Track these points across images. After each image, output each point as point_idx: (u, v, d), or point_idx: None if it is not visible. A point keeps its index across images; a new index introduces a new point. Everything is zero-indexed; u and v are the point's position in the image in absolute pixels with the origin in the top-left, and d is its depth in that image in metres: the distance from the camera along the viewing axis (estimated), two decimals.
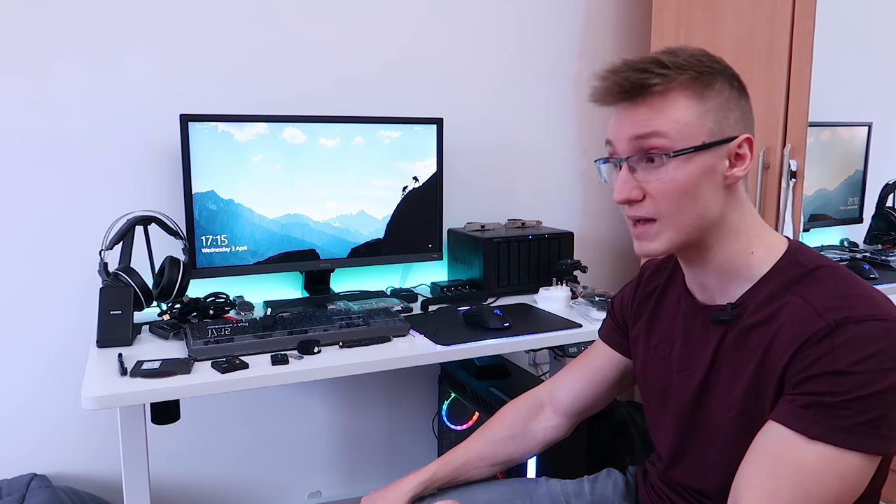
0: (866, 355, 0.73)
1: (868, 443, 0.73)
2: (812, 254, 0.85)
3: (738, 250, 0.86)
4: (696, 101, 0.81)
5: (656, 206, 0.83)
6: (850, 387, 0.73)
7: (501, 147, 2.15)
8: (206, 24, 1.76)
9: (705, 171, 0.82)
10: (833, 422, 0.73)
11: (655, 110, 0.81)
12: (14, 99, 1.62)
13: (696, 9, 1.91)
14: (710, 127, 0.82)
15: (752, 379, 0.82)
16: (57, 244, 1.69)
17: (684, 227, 0.83)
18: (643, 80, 0.80)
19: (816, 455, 0.74)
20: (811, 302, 0.78)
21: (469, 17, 2.06)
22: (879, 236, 1.89)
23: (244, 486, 1.98)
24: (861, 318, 0.75)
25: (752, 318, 0.84)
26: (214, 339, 1.38)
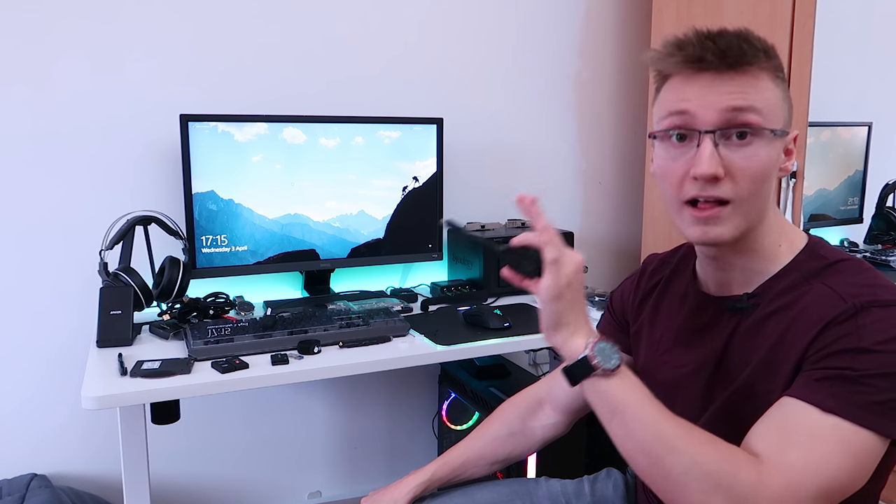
0: (891, 336, 0.72)
1: (884, 423, 0.71)
2: (833, 248, 0.85)
3: (770, 243, 0.85)
4: (780, 86, 0.80)
5: (736, 188, 0.78)
6: (872, 364, 0.71)
7: (501, 147, 2.15)
8: (206, 23, 1.76)
9: (776, 158, 0.80)
10: (851, 396, 0.71)
11: (753, 85, 0.77)
12: (14, 99, 1.62)
13: (696, 9, 1.91)
14: (785, 115, 0.81)
15: (764, 359, 0.81)
16: (57, 244, 1.69)
17: (752, 213, 0.80)
18: (752, 50, 0.77)
19: (831, 427, 0.71)
20: (835, 288, 0.77)
21: (469, 17, 2.06)
22: (879, 236, 1.88)
23: (244, 486, 1.98)
24: (887, 303, 0.74)
25: (769, 308, 0.82)
26: (214, 339, 1.38)
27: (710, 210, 0.79)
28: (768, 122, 0.78)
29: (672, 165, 0.81)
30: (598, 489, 1.12)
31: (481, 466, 1.11)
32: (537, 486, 1.12)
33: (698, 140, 0.78)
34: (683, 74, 0.80)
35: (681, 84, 0.80)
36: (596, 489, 1.12)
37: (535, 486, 1.13)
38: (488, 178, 2.15)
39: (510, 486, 1.12)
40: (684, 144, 0.80)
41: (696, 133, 0.78)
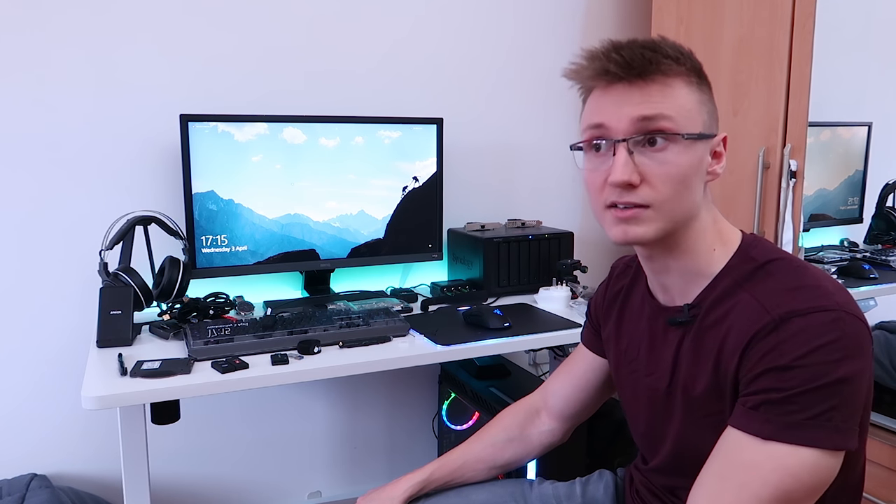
0: (812, 348, 0.71)
1: (822, 437, 0.71)
2: (766, 246, 0.84)
3: (704, 248, 0.85)
4: (695, 91, 0.81)
5: (654, 193, 0.79)
6: (798, 381, 0.71)
7: (501, 147, 2.15)
8: (206, 23, 1.76)
9: (698, 162, 0.81)
10: (782, 418, 0.72)
11: (662, 92, 0.79)
12: (14, 99, 1.62)
13: (696, 8, 1.91)
14: (704, 118, 0.81)
15: (710, 381, 0.81)
16: (57, 244, 1.69)
17: (674, 217, 0.81)
18: (656, 59, 0.78)
19: (766, 454, 0.72)
20: (759, 298, 0.77)
21: (469, 17, 2.06)
22: (879, 236, 1.88)
23: (244, 486, 1.98)
24: (806, 311, 0.73)
25: (707, 319, 0.83)
26: (214, 339, 1.38)
27: (630, 211, 0.80)
28: (682, 127, 0.78)
29: (593, 174, 0.83)
30: (589, 491, 1.12)
31: (480, 470, 1.12)
32: (531, 488, 1.13)
33: (614, 149, 0.80)
34: (600, 87, 0.82)
35: (598, 96, 0.82)
36: (587, 491, 1.12)
37: (529, 487, 1.13)
38: (488, 178, 2.15)
39: (504, 488, 1.12)
40: (602, 154, 0.82)
41: (612, 142, 0.80)
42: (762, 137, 1.73)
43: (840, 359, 0.71)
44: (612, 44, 0.80)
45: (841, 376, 0.71)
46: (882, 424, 1.72)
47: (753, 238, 0.86)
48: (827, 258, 1.89)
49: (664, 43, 0.80)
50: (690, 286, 0.86)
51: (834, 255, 1.90)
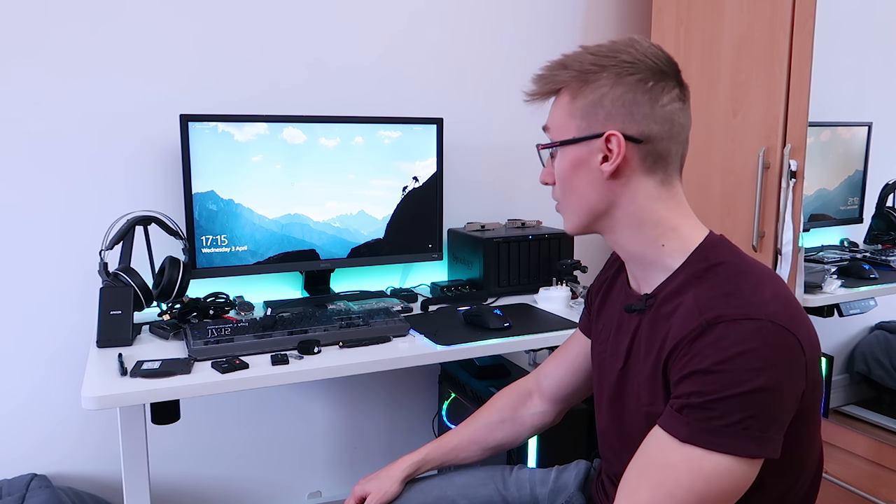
0: (732, 354, 0.72)
1: (737, 444, 0.72)
2: (724, 249, 0.85)
3: (646, 241, 0.87)
4: (571, 100, 0.87)
5: (556, 192, 0.92)
6: (717, 386, 0.72)
7: (501, 147, 2.15)
8: (206, 23, 1.76)
9: (576, 164, 0.87)
10: (700, 423, 0.73)
11: (552, 110, 0.91)
12: (14, 99, 1.62)
13: (696, 8, 1.91)
14: (577, 123, 0.86)
15: (650, 374, 0.84)
16: (57, 244, 1.69)
17: (575, 212, 0.90)
18: (546, 77, 0.89)
19: (682, 455, 0.73)
20: (697, 299, 0.78)
21: (469, 17, 2.06)
22: (879, 236, 1.88)
23: (244, 486, 1.98)
24: (734, 318, 0.74)
25: (660, 311, 0.85)
26: (214, 339, 1.38)
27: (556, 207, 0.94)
28: (557, 136, 0.89)
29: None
30: (562, 478, 1.16)
31: (473, 451, 1.16)
32: (510, 473, 1.19)
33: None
34: None
35: None
36: (560, 477, 1.16)
37: (509, 472, 1.19)
38: (488, 178, 2.15)
39: (486, 472, 1.18)
40: None
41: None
42: (762, 137, 1.73)
43: (759, 368, 0.71)
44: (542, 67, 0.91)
45: (759, 386, 0.71)
46: (883, 425, 1.72)
47: (716, 239, 0.87)
48: (827, 258, 1.89)
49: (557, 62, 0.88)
50: (651, 277, 0.89)
51: (834, 255, 1.90)
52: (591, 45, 0.87)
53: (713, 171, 1.87)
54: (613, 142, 0.84)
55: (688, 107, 0.87)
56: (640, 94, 0.83)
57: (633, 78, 0.83)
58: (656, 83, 0.84)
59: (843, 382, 1.91)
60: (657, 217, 0.86)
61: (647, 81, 0.83)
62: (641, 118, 0.83)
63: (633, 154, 0.84)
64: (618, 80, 0.83)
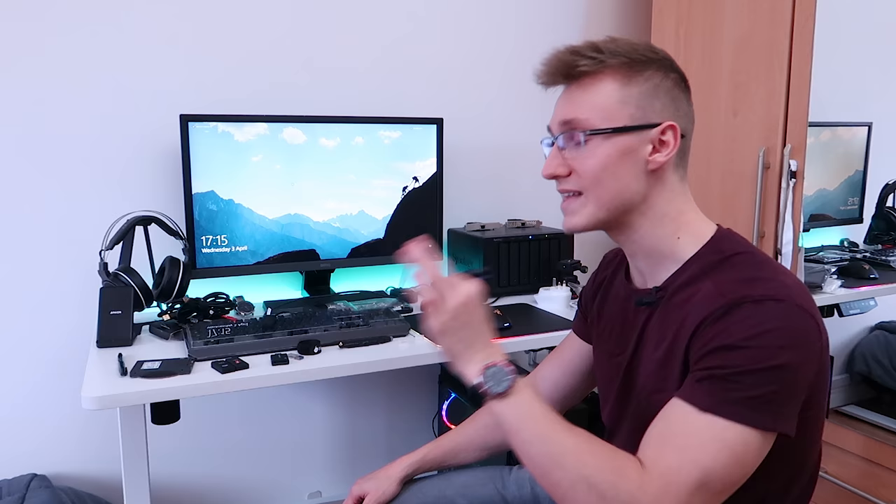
0: (759, 331, 0.74)
1: (758, 417, 0.74)
2: (736, 241, 0.87)
3: (665, 235, 0.88)
4: (622, 86, 0.85)
5: (580, 180, 0.87)
6: (742, 360, 0.74)
7: (501, 147, 2.15)
8: (206, 23, 1.76)
9: (624, 153, 0.85)
10: (723, 394, 0.74)
11: (583, 93, 0.87)
12: (14, 99, 1.62)
13: (696, 8, 1.91)
14: (632, 112, 0.85)
15: (663, 359, 0.85)
16: (57, 244, 1.69)
17: (604, 203, 0.87)
18: (574, 62, 0.85)
19: (705, 424, 0.74)
20: (717, 285, 0.80)
21: (469, 17, 2.06)
22: (879, 236, 1.88)
23: (244, 486, 1.98)
24: (759, 298, 0.76)
25: (671, 301, 0.86)
26: (214, 339, 1.38)
27: (566, 202, 0.91)
28: (601, 123, 0.85)
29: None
30: None
31: (471, 452, 1.16)
32: (509, 472, 1.19)
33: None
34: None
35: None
36: None
37: (508, 472, 1.19)
38: (488, 178, 2.15)
39: (486, 472, 1.18)
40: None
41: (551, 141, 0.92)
42: (762, 137, 1.73)
43: (783, 346, 0.74)
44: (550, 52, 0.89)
45: (783, 363, 0.73)
46: (882, 425, 1.72)
47: (726, 232, 0.89)
48: (827, 258, 1.89)
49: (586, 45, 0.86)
50: (660, 270, 0.89)
51: (834, 255, 1.90)
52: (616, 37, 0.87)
53: (713, 171, 1.87)
54: (669, 134, 0.85)
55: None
56: (680, 91, 0.88)
57: (676, 75, 0.88)
58: (686, 84, 0.89)
59: (843, 382, 1.91)
60: (677, 210, 0.88)
61: (681, 81, 0.88)
62: (683, 114, 0.88)
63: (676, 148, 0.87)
64: (666, 74, 0.86)
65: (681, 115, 0.87)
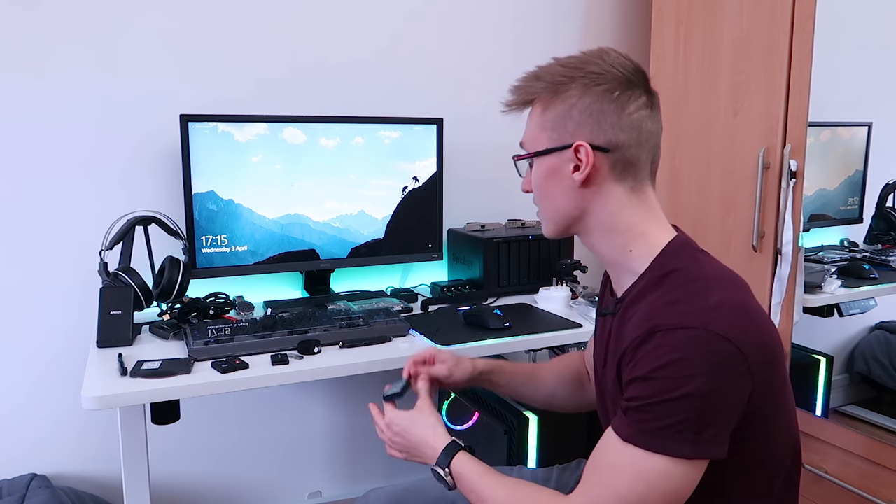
0: (665, 362, 0.75)
1: (672, 446, 0.75)
2: (683, 255, 0.87)
3: (616, 247, 0.90)
4: (543, 111, 0.90)
5: (534, 197, 0.96)
6: (652, 392, 0.76)
7: (502, 147, 2.15)
8: (206, 23, 1.76)
9: (550, 173, 0.90)
10: (639, 425, 0.76)
11: (526, 120, 0.94)
12: (14, 99, 1.62)
13: (696, 8, 1.91)
14: (549, 135, 0.89)
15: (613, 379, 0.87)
16: (57, 244, 1.69)
17: (551, 218, 0.93)
18: (517, 92, 0.92)
19: (626, 455, 0.77)
20: (646, 308, 0.82)
21: (469, 16, 2.06)
22: (879, 236, 1.88)
23: (244, 486, 1.98)
24: (670, 327, 0.77)
25: (625, 315, 0.87)
26: (214, 339, 1.38)
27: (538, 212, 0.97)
28: (530, 148, 0.93)
29: None
30: (564, 477, 1.18)
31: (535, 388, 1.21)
32: (511, 472, 1.20)
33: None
34: None
35: None
36: (562, 477, 1.18)
37: (510, 471, 1.21)
38: (488, 178, 2.15)
39: None
40: None
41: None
42: (762, 137, 1.73)
43: (690, 375, 0.74)
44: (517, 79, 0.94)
45: (690, 391, 0.74)
46: (882, 425, 1.72)
47: (679, 244, 0.88)
48: (827, 258, 1.89)
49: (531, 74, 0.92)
50: (622, 280, 0.91)
51: (834, 255, 1.90)
52: (563, 57, 0.90)
53: (713, 171, 1.87)
54: (582, 151, 0.87)
55: (657, 113, 0.89)
56: (606, 104, 0.86)
57: (600, 88, 0.86)
58: (622, 92, 0.86)
59: (843, 382, 1.91)
60: (626, 223, 0.88)
61: (613, 91, 0.86)
62: (608, 127, 0.86)
63: (602, 162, 0.87)
64: (585, 90, 0.86)
65: (604, 129, 0.86)
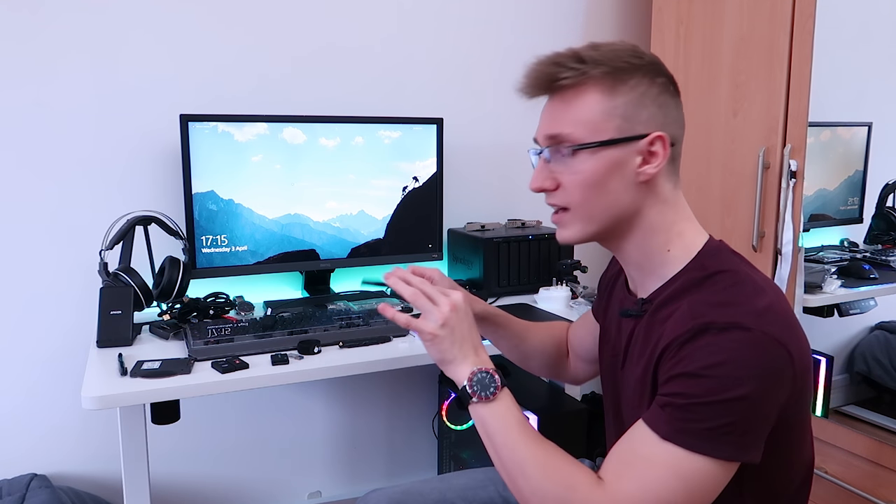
0: (718, 361, 0.72)
1: (716, 448, 0.73)
2: (723, 257, 0.84)
3: (655, 247, 0.86)
4: (607, 97, 0.81)
5: (567, 196, 0.85)
6: (700, 391, 0.73)
7: (502, 147, 2.15)
8: (206, 23, 1.76)
9: (613, 166, 0.82)
10: (681, 424, 0.74)
11: (567, 106, 0.83)
12: (14, 99, 1.62)
13: (696, 8, 1.91)
14: (618, 123, 0.81)
15: (641, 375, 0.84)
16: (57, 244, 1.69)
17: (594, 217, 0.85)
18: (555, 74, 0.82)
19: (665, 453, 0.74)
20: (693, 306, 0.78)
21: (469, 16, 2.06)
22: (879, 236, 1.88)
23: (244, 486, 1.98)
24: (724, 326, 0.74)
25: (655, 316, 0.85)
26: (214, 339, 1.38)
27: (556, 216, 0.88)
28: (587, 137, 0.82)
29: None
30: None
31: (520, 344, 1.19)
32: None
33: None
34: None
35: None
36: None
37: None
38: (488, 178, 2.15)
39: (485, 474, 1.17)
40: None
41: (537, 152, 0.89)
42: (762, 137, 1.73)
43: (743, 377, 0.72)
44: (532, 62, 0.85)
45: (742, 394, 0.72)
46: (882, 425, 1.72)
47: (716, 246, 0.86)
48: (827, 258, 1.89)
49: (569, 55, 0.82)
50: (648, 281, 0.88)
51: (834, 255, 1.90)
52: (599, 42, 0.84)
53: (713, 171, 1.87)
54: (658, 144, 0.82)
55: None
56: (669, 97, 0.84)
57: (663, 79, 0.84)
58: (675, 87, 0.85)
59: (843, 382, 1.91)
60: (669, 222, 0.86)
61: (669, 85, 0.84)
62: (672, 121, 0.84)
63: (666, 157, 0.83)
64: (652, 80, 0.82)
65: (670, 122, 0.83)
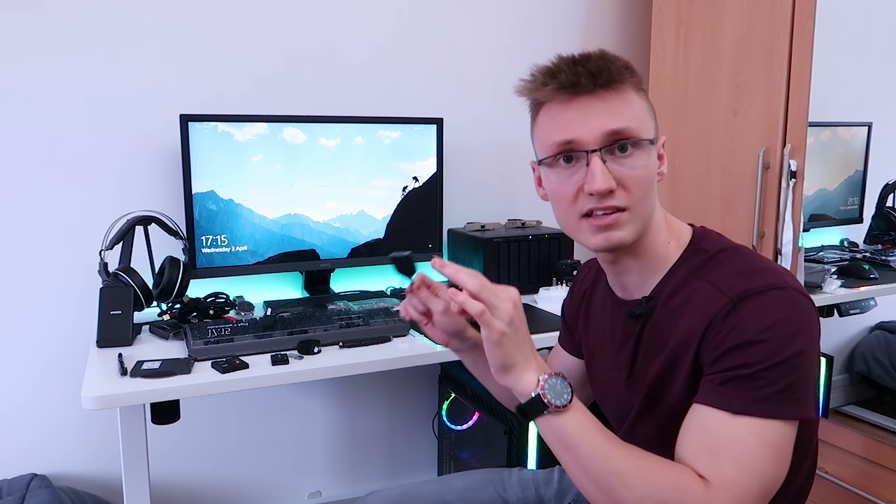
0: (771, 322, 0.75)
1: (786, 408, 0.75)
2: (714, 238, 0.89)
3: (660, 243, 0.89)
4: (643, 98, 0.86)
5: (629, 196, 0.82)
6: (763, 355, 0.74)
7: (501, 147, 2.15)
8: (205, 23, 1.76)
9: (654, 165, 0.86)
10: (752, 393, 0.74)
11: (622, 102, 0.82)
12: (14, 99, 1.62)
13: (696, 8, 1.91)
14: (652, 124, 0.87)
15: (664, 363, 0.84)
16: (57, 244, 1.69)
17: (645, 217, 0.85)
18: (616, 69, 0.82)
19: (745, 428, 0.74)
20: (714, 283, 0.81)
21: (469, 16, 2.06)
22: (879, 236, 1.88)
23: (244, 486, 1.98)
24: (760, 289, 0.77)
25: (665, 309, 0.86)
26: (214, 339, 1.38)
27: (610, 217, 0.82)
28: (642, 133, 0.83)
29: (564, 186, 0.85)
30: (566, 479, 1.15)
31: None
32: (510, 475, 1.18)
33: (587, 160, 0.82)
34: (558, 101, 0.83)
35: (557, 111, 0.84)
36: (564, 478, 1.15)
37: (509, 474, 1.18)
38: (488, 178, 2.15)
39: (484, 475, 1.17)
40: (572, 165, 0.84)
41: (584, 153, 0.82)
42: (762, 137, 1.73)
43: (795, 332, 0.75)
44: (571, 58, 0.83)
45: (798, 349, 0.75)
46: (882, 425, 1.72)
47: (703, 231, 0.90)
48: (827, 258, 1.89)
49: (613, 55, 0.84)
50: (647, 280, 0.89)
51: (834, 255, 1.90)
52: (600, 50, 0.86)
53: (713, 171, 1.87)
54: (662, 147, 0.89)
55: None
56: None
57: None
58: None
59: (843, 382, 1.91)
60: (663, 218, 0.90)
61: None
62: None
63: None
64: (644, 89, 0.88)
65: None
